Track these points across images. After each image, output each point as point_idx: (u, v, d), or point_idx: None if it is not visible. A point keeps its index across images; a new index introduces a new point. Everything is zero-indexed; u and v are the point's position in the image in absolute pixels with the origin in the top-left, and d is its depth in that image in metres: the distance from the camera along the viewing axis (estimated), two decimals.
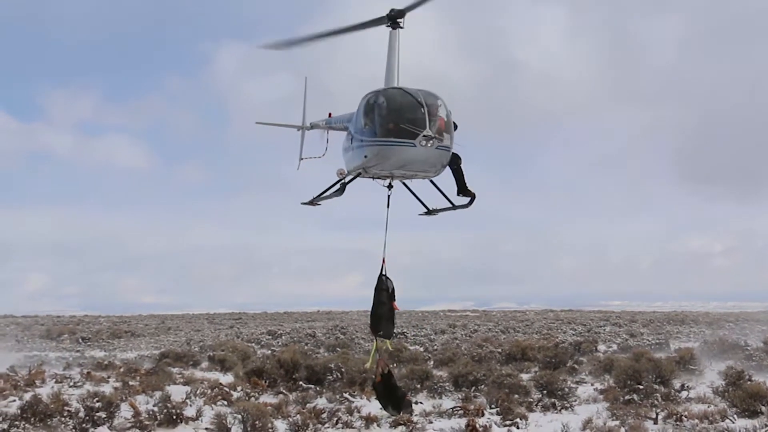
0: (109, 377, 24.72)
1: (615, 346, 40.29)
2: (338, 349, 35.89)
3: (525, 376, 23.79)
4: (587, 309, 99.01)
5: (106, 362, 31.56)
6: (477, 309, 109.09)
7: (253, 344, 42.52)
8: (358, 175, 18.21)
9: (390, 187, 18.80)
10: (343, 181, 18.68)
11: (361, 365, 23.53)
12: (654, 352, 33.56)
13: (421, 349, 37.95)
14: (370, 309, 18.93)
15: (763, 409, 18.27)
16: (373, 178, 18.57)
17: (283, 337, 47.71)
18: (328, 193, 19.42)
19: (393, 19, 18.54)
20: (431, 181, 18.62)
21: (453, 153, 17.76)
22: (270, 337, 48.49)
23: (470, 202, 18.44)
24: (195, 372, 28.06)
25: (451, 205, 18.99)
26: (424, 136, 16.48)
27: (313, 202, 19.86)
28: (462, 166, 17.73)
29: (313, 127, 24.89)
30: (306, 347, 38.45)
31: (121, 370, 27.42)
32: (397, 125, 16.92)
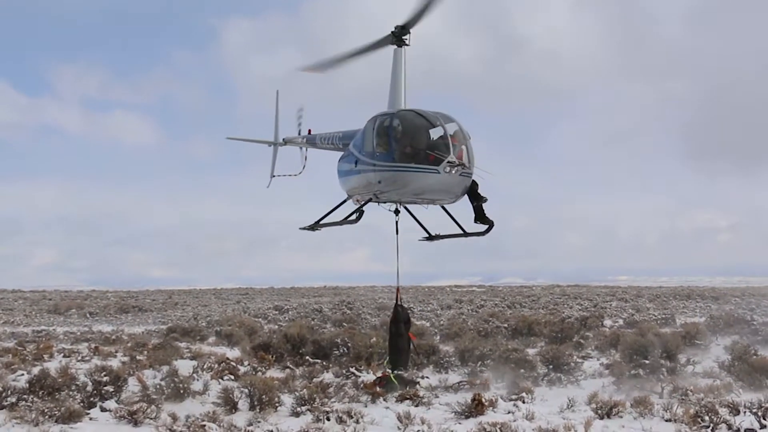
0: (116, 352, 24.81)
1: (621, 321, 40.27)
2: (345, 324, 35.97)
3: (531, 351, 23.84)
4: (594, 284, 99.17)
5: (113, 337, 31.67)
6: (483, 284, 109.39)
7: (260, 319, 42.60)
8: (369, 200, 17.89)
9: (397, 212, 18.45)
10: (360, 208, 18.27)
11: (368, 340, 23.61)
12: (660, 327, 33.59)
13: (428, 324, 38.01)
14: (388, 340, 18.82)
15: None
16: (381, 202, 18.20)
17: (290, 312, 47.81)
18: (335, 218, 19.01)
19: (398, 36, 18.13)
20: (442, 207, 18.30)
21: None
22: (277, 312, 48.60)
23: (487, 230, 18.12)
24: (202, 347, 28.14)
25: (462, 232, 18.64)
26: (448, 162, 16.04)
27: (314, 228, 19.44)
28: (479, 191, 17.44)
29: (287, 143, 24.17)
30: (313, 322, 38.52)
31: (129, 344, 27.50)
32: (420, 150, 16.44)
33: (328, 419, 14.96)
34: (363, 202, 18.11)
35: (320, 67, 17.82)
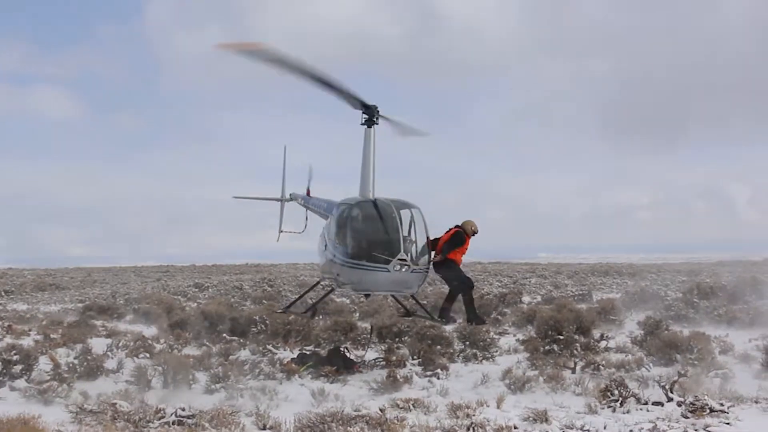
0: (30, 330, 24.27)
1: (539, 298, 40.82)
2: (264, 301, 35.77)
3: (448, 328, 23.96)
4: (515, 261, 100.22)
5: (28, 315, 31.01)
6: None
7: (180, 297, 42.15)
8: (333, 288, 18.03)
9: (368, 296, 18.40)
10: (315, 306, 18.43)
11: (286, 317, 23.50)
12: (577, 303, 34.15)
13: (347, 301, 38.02)
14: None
15: (678, 357, 18.72)
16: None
17: (210, 290, 47.36)
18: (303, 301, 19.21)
19: (369, 117, 17.83)
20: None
21: (465, 277, 17.39)
22: (197, 289, 48.10)
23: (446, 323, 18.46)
24: (119, 325, 27.74)
25: (430, 318, 18.87)
26: (399, 260, 15.96)
27: (286, 311, 19.72)
28: (473, 294, 17.64)
29: (292, 199, 24.08)
30: (232, 300, 38.24)
31: (44, 323, 26.96)
32: (370, 250, 16.31)
33: (242, 396, 14.87)
34: (330, 289, 18.29)
35: (251, 51, 16.56)
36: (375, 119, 17.83)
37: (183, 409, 12.44)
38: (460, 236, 17.55)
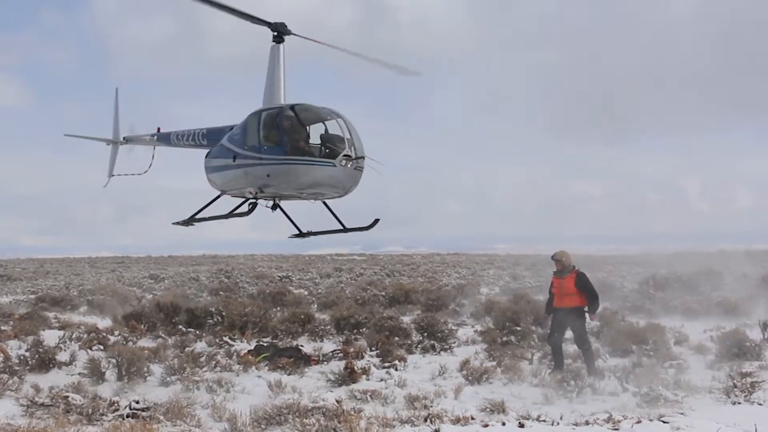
0: None
1: (497, 289, 41.02)
2: (222, 292, 35.53)
3: (407, 319, 24.03)
4: (474, 253, 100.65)
5: None
6: (364, 253, 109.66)
7: (135, 288, 41.75)
8: (248, 197, 17.57)
9: (275, 207, 18.11)
10: (254, 200, 17.90)
11: (243, 309, 23.34)
12: (534, 294, 34.34)
13: (306, 292, 37.94)
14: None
15: (634, 348, 18.89)
16: (260, 198, 17.80)
17: (166, 281, 47.00)
18: (209, 212, 18.64)
19: (278, 33, 17.64)
20: (324, 202, 18.08)
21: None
22: (152, 281, 47.68)
23: (372, 225, 18.14)
24: (72, 316, 27.38)
25: (342, 228, 18.52)
26: (344, 155, 15.87)
27: (188, 223, 19.01)
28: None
29: (128, 141, 23.35)
30: (189, 291, 37.96)
31: None
32: (315, 144, 16.24)
33: (198, 389, 14.72)
34: (248, 198, 17.82)
35: None
36: (283, 36, 17.66)
37: (137, 402, 12.28)
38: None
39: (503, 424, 11.43)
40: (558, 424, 11.65)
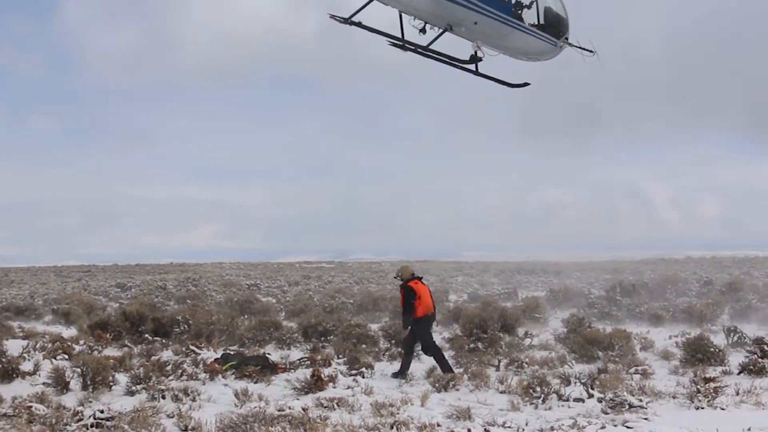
0: None
1: (466, 296, 41.16)
2: (189, 301, 35.36)
3: (374, 326, 24.02)
4: (443, 260, 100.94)
5: None
6: (333, 260, 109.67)
7: (101, 297, 41.45)
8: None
9: (423, 31, 16.93)
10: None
11: (210, 317, 23.24)
12: (502, 301, 34.54)
13: (274, 300, 37.84)
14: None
15: (600, 354, 19.00)
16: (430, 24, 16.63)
17: (133, 290, 46.70)
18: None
19: None
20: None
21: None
22: (119, 289, 47.39)
23: (520, 85, 18.10)
24: (37, 326, 27.18)
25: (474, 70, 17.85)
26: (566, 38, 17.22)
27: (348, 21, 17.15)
28: None
29: None
30: (156, 299, 37.71)
31: None
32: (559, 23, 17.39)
33: (164, 397, 14.61)
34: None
35: None
36: None
37: (102, 411, 12.17)
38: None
39: (469, 430, 11.46)
40: (524, 430, 11.71)
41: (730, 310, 28.74)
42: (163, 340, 22.06)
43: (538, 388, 14.44)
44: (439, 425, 12.01)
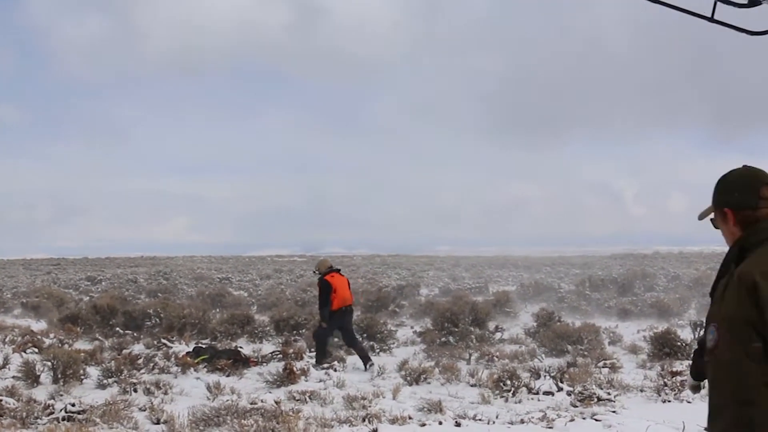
0: None
1: (437, 290, 41.30)
2: (160, 294, 35.23)
3: None
4: (415, 254, 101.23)
5: None
6: (305, 254, 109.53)
7: (71, 290, 41.17)
8: None
9: None
10: None
11: (181, 311, 23.20)
12: (473, 295, 34.71)
13: (245, 294, 37.79)
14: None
15: (569, 348, 19.18)
16: None
17: (104, 283, 46.45)
18: None
19: None
20: None
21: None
22: (89, 282, 47.11)
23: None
24: (6, 319, 26.98)
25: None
26: None
27: None
28: None
29: None
30: (127, 293, 37.54)
31: None
32: None
33: (135, 391, 14.61)
34: None
35: None
36: None
37: (73, 405, 12.16)
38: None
39: (440, 423, 11.58)
40: (494, 423, 11.83)
41: (697, 305, 29.04)
42: (135, 334, 22.02)
43: (509, 382, 14.57)
44: (410, 418, 12.11)
